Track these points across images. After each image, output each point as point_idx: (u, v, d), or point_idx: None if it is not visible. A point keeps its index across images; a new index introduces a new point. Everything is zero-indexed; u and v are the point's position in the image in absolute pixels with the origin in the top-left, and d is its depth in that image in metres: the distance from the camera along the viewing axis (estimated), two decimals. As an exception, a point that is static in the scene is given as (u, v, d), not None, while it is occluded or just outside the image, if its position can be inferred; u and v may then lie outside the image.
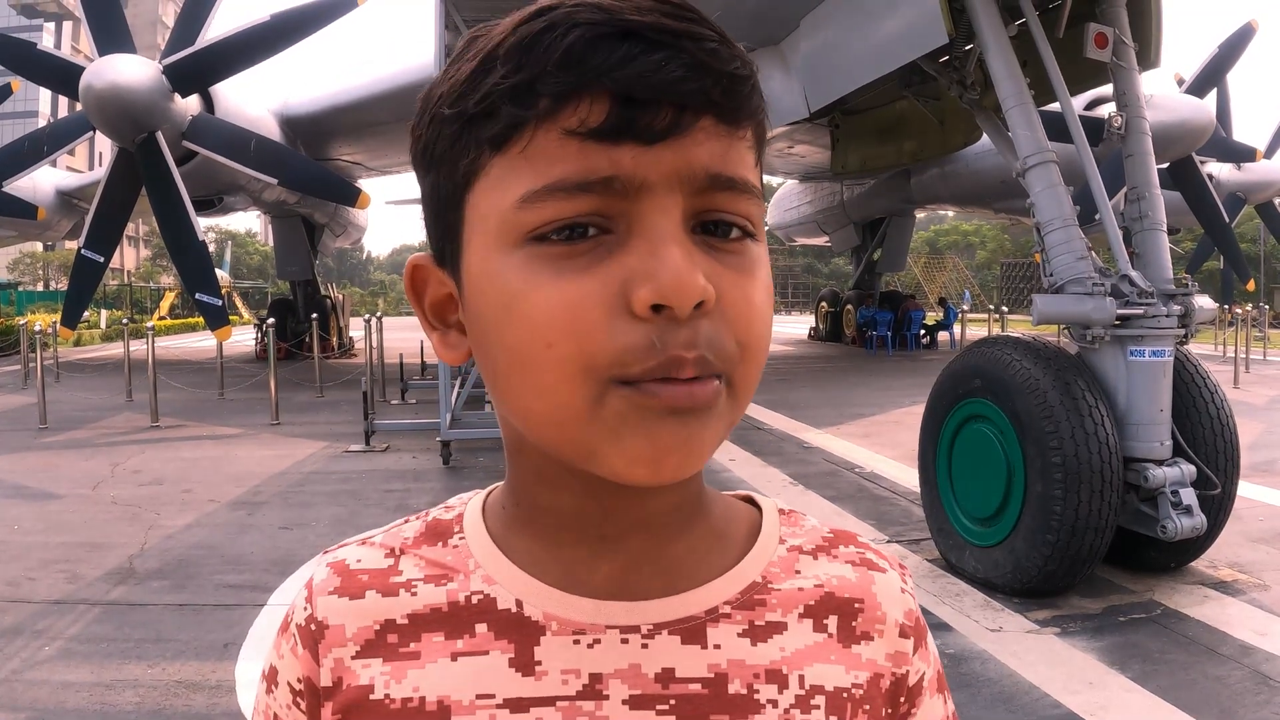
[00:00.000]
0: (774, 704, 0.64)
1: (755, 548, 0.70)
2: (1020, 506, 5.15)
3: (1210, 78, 17.62)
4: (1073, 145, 5.85)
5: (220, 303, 13.59)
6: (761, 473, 8.94)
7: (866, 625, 0.70)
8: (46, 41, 64.42)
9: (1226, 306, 21.39)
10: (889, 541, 6.46)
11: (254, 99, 17.07)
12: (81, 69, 12.61)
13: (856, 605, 0.70)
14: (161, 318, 41.83)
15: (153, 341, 13.22)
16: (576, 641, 0.64)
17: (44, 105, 63.19)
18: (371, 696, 0.65)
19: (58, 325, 16.26)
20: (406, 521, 0.74)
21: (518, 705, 0.63)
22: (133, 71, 12.49)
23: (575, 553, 0.66)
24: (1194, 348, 5.78)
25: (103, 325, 33.16)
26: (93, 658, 4.45)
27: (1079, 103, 12.12)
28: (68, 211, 21.32)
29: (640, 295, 0.54)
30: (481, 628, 0.65)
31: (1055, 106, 7.29)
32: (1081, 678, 4.14)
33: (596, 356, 0.55)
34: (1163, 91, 15.95)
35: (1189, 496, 5.03)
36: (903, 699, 0.72)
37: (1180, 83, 17.81)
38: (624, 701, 0.63)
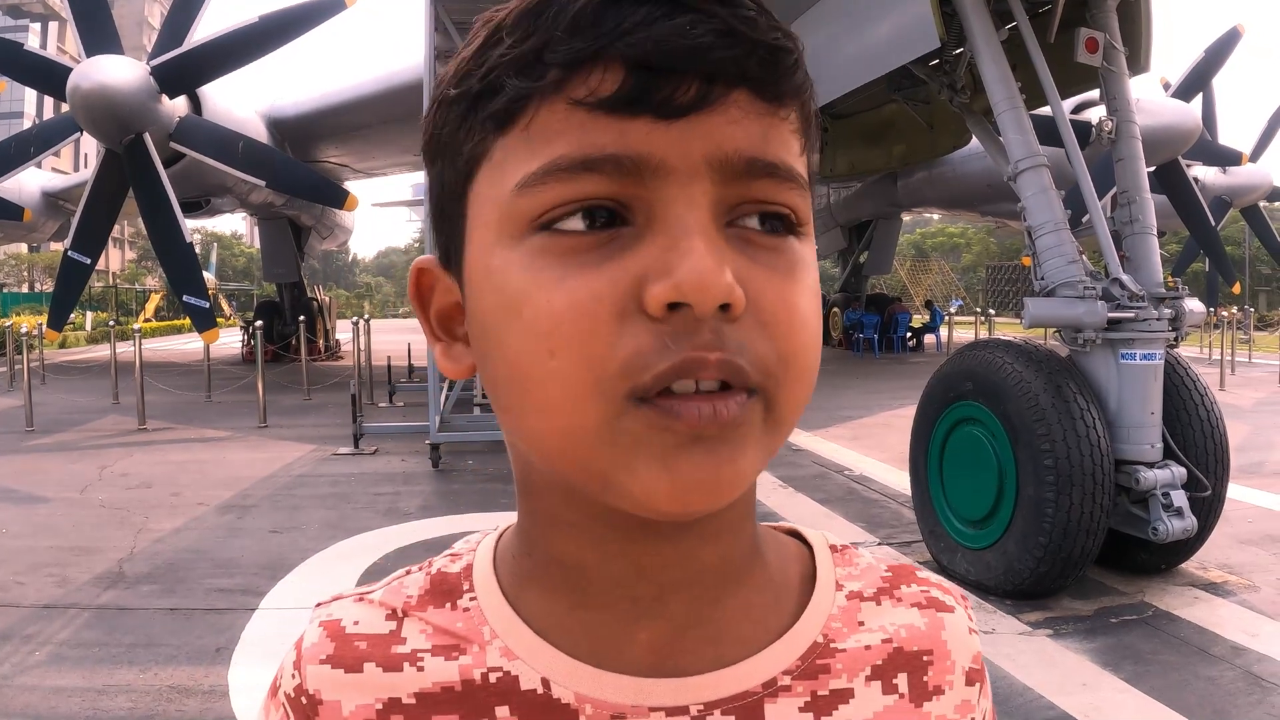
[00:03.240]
0: None
1: (813, 600, 0.61)
2: (1012, 509, 5.16)
3: (1196, 82, 17.77)
4: (1059, 149, 5.88)
5: (207, 305, 13.55)
6: (751, 475, 8.94)
7: (937, 679, 0.62)
8: (32, 42, 63.98)
9: (1212, 309, 21.54)
10: (880, 544, 6.47)
11: (242, 101, 17.02)
12: (69, 70, 12.55)
13: (926, 658, 0.61)
14: (147, 320, 41.60)
15: (140, 344, 13.16)
16: None
17: (29, 106, 62.83)
18: None
19: (43, 327, 16.16)
20: (409, 573, 0.65)
21: None
22: (120, 73, 12.44)
23: (606, 617, 0.57)
24: (1180, 350, 5.82)
25: (88, 327, 33.00)
26: (84, 663, 4.42)
27: (1066, 106, 12.17)
28: (53, 213, 21.21)
29: (654, 291, 0.46)
30: (503, 711, 0.56)
31: (1044, 110, 7.33)
32: (1075, 679, 4.16)
33: (604, 367, 0.47)
34: (1149, 95, 16.07)
35: (1180, 498, 5.07)
36: None
37: (1166, 87, 17.94)
38: None
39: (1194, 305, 5.46)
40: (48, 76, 12.94)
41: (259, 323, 14.56)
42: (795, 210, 0.52)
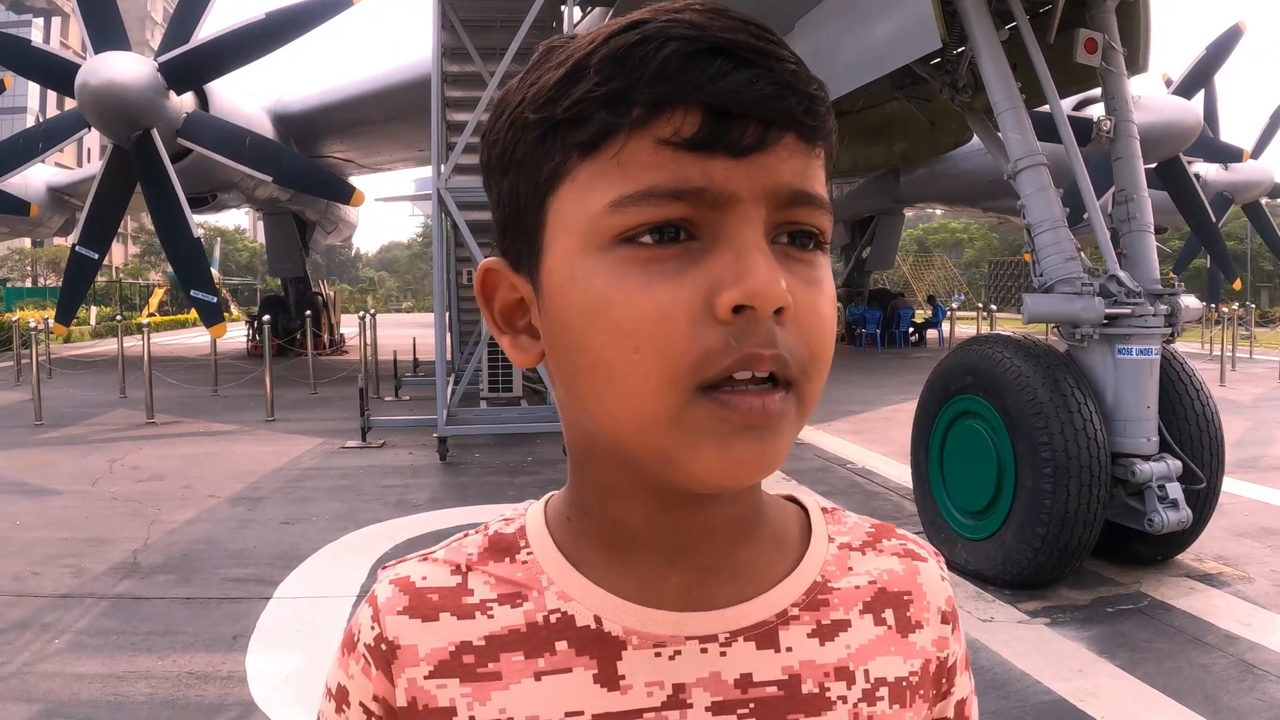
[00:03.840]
0: (844, 700, 0.68)
1: (810, 548, 0.73)
2: (1011, 500, 5.26)
3: (1198, 79, 17.80)
4: (1060, 145, 5.97)
5: (215, 300, 13.64)
6: (754, 469, 9.03)
7: (917, 615, 0.74)
8: (35, 37, 63.96)
9: (1213, 305, 21.59)
10: (882, 536, 6.56)
11: (248, 96, 17.10)
12: (77, 66, 12.60)
13: (906, 597, 0.74)
14: (150, 314, 41.66)
15: (148, 338, 13.27)
16: (658, 654, 0.66)
17: (33, 101, 62.88)
18: (455, 719, 0.66)
19: (50, 322, 16.26)
20: (466, 536, 0.74)
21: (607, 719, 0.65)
22: (128, 69, 12.51)
23: (647, 565, 0.68)
24: (1181, 346, 5.91)
25: (92, 322, 33.05)
26: (103, 650, 4.53)
27: (1066, 104, 12.23)
28: (59, 208, 21.31)
29: (725, 298, 0.56)
30: (562, 645, 0.66)
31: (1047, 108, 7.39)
32: (1071, 665, 4.26)
33: (680, 362, 0.56)
34: (1150, 92, 16.14)
35: (1175, 491, 5.16)
36: (944, 679, 0.76)
37: (1168, 83, 17.99)
38: (707, 709, 0.65)
39: (1190, 302, 5.56)
40: (55, 73, 12.98)
41: (266, 317, 14.63)
42: (823, 230, 0.63)
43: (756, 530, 0.71)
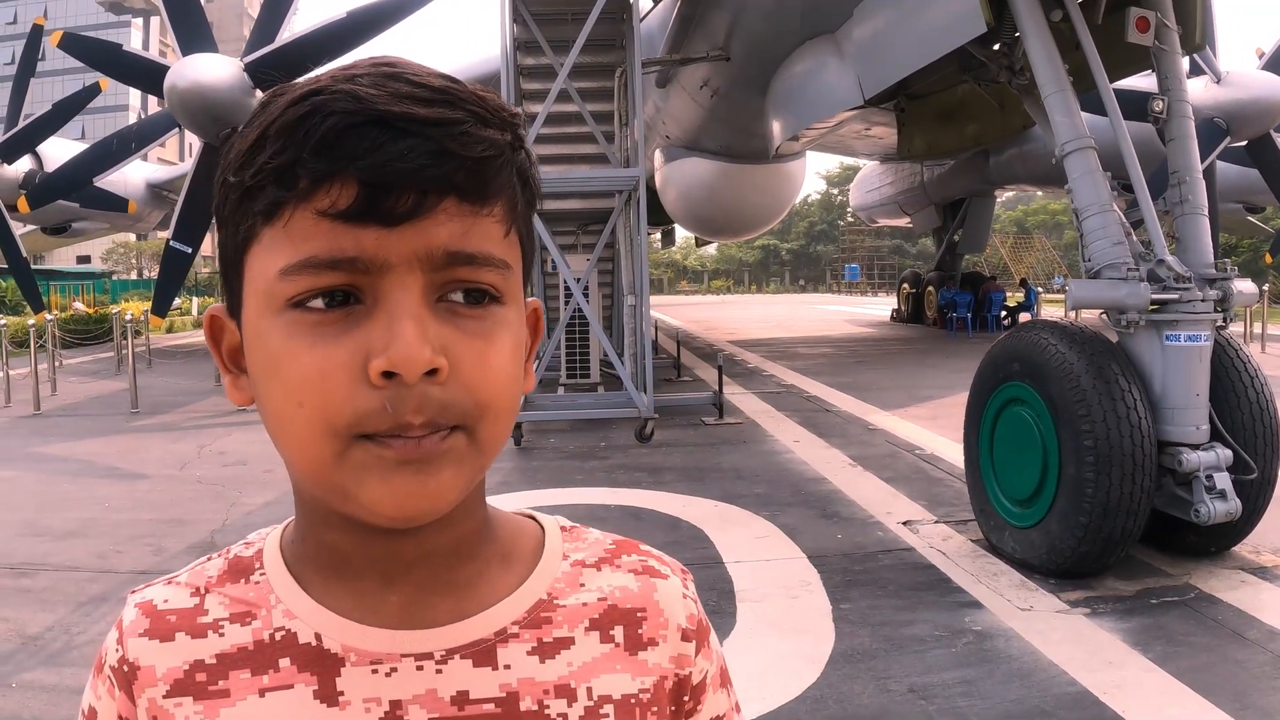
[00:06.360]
0: (564, 717, 0.69)
1: (539, 566, 0.74)
2: (1055, 489, 5.20)
3: (1290, 52, 17.00)
4: (1137, 123, 5.85)
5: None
6: (824, 454, 9.05)
7: (651, 632, 0.74)
8: (134, 37, 66.54)
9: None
10: (937, 522, 6.54)
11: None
12: (166, 69, 13.11)
13: (640, 614, 0.74)
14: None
15: (237, 328, 13.76)
16: (375, 671, 0.67)
17: (134, 99, 65.22)
18: None
19: (149, 313, 16.98)
20: (209, 559, 0.76)
21: None
22: (215, 70, 12.96)
23: (365, 584, 0.70)
24: None
25: (194, 312, 34.27)
26: (170, 623, 4.80)
27: (1154, 82, 11.87)
28: (158, 203, 22.16)
29: (374, 365, 0.59)
30: (285, 662, 0.68)
31: (1132, 82, 7.21)
32: (1102, 657, 4.21)
33: (337, 418, 0.60)
34: (1239, 68, 15.53)
35: (1223, 481, 5.03)
36: (686, 696, 0.76)
37: (1262, 57, 17.25)
38: None
39: (1244, 286, 5.42)
40: (146, 76, 13.52)
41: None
42: (494, 285, 0.65)
43: (481, 549, 0.73)
